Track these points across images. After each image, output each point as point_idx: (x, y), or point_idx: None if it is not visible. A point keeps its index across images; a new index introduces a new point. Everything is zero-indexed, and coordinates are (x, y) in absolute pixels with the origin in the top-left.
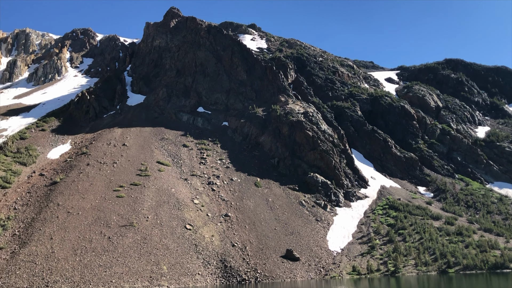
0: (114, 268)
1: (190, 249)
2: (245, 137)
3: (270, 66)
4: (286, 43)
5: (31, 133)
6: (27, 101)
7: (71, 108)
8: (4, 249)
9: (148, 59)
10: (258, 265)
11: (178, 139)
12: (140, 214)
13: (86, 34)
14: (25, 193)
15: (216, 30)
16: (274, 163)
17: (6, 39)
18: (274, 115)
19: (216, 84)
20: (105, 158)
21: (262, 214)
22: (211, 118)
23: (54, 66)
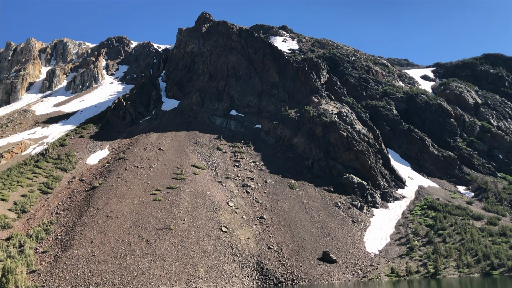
0: (152, 270)
1: (226, 251)
2: (278, 139)
3: (302, 67)
4: (318, 43)
5: (71, 140)
6: (66, 109)
7: (108, 115)
8: (48, 252)
9: (181, 64)
10: (294, 267)
11: (212, 142)
12: (176, 217)
13: (121, 42)
14: (66, 198)
15: (247, 33)
16: (308, 165)
17: (45, 49)
18: (307, 116)
19: (248, 87)
20: (142, 163)
21: (297, 216)
22: (244, 121)
23: (91, 74)
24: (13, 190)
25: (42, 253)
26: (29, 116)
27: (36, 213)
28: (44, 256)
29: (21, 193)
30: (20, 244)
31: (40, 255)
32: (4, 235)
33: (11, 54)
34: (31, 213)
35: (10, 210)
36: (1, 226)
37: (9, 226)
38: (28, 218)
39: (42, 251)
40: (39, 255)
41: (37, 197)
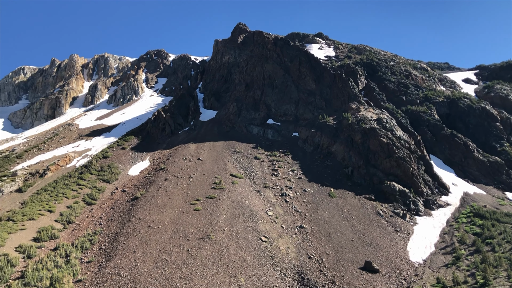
0: (193, 280)
1: (266, 261)
2: (316, 147)
3: (339, 74)
4: (354, 49)
5: (113, 152)
6: (108, 122)
7: (149, 126)
8: (93, 262)
9: (218, 75)
10: (336, 277)
11: (250, 151)
12: (216, 226)
13: (160, 55)
14: (109, 208)
15: (283, 42)
16: (348, 173)
17: (87, 65)
18: (345, 123)
19: (284, 96)
20: (182, 173)
21: (337, 225)
22: (281, 129)
23: (131, 87)
24: (59, 201)
25: (87, 263)
26: (73, 129)
27: (81, 224)
28: (89, 265)
29: (67, 205)
30: (66, 254)
31: (85, 265)
32: (52, 245)
33: (56, 70)
34: (76, 223)
35: (57, 221)
36: (49, 237)
37: (56, 236)
38: (73, 228)
39: (87, 261)
40: (84, 265)
41: (82, 208)
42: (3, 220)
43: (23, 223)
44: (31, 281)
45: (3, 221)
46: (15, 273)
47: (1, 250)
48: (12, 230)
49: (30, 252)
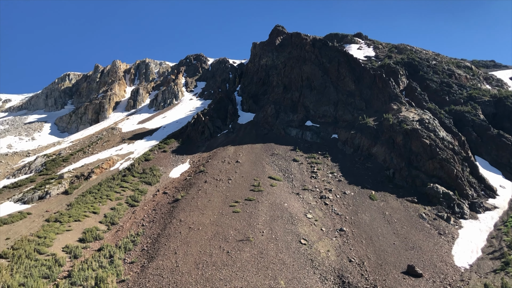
0: (233, 282)
1: (306, 264)
2: (356, 149)
3: (379, 74)
4: (395, 48)
5: (154, 155)
6: (150, 126)
7: (188, 130)
8: (135, 263)
9: (256, 78)
10: (377, 281)
11: (288, 154)
12: (255, 228)
13: (199, 60)
14: (151, 210)
15: (321, 43)
16: (389, 175)
17: (129, 70)
18: (386, 125)
19: (323, 97)
20: (221, 175)
21: (379, 228)
22: (319, 131)
23: (172, 91)
24: (103, 203)
25: (130, 264)
26: (116, 133)
27: (124, 225)
28: (132, 266)
29: (110, 206)
30: (110, 254)
31: (128, 265)
32: (96, 246)
33: (99, 76)
34: (119, 225)
35: (101, 222)
36: (93, 238)
37: (100, 237)
38: (116, 230)
39: (130, 262)
40: (127, 265)
41: (125, 210)
42: (51, 221)
43: (69, 224)
44: (77, 280)
45: (51, 222)
46: (62, 272)
47: (49, 250)
48: (59, 231)
49: (76, 253)
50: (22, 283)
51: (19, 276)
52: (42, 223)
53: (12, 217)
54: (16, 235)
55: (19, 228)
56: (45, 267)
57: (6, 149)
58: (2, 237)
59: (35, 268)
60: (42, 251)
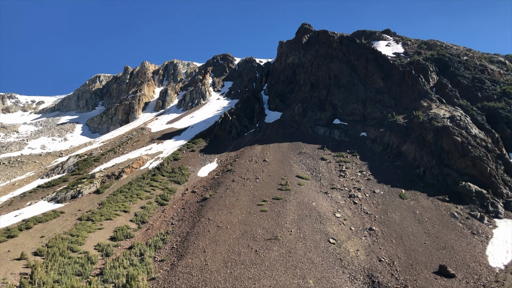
0: (262, 281)
1: (335, 263)
2: (385, 147)
3: (408, 71)
4: (424, 44)
5: (183, 154)
6: (178, 125)
7: (216, 129)
8: (165, 261)
9: (283, 76)
10: (408, 281)
11: (316, 152)
12: (283, 227)
13: (226, 59)
14: (180, 209)
15: (349, 40)
16: (420, 173)
17: (157, 71)
18: (416, 122)
19: (351, 95)
20: (248, 174)
21: (409, 227)
22: (348, 129)
23: (199, 91)
24: (133, 202)
25: (160, 262)
26: (145, 133)
27: (154, 224)
28: (161, 264)
29: (141, 205)
30: (141, 252)
31: (159, 263)
32: (127, 244)
33: (128, 77)
34: (149, 223)
35: (131, 221)
36: (124, 236)
37: (131, 236)
38: (147, 228)
39: (160, 260)
40: (157, 263)
41: (155, 209)
42: (83, 220)
43: (101, 223)
44: (109, 278)
45: (83, 220)
46: (95, 270)
47: (81, 248)
48: (91, 230)
49: (108, 251)
50: (56, 280)
51: (53, 273)
52: (75, 222)
53: (46, 215)
54: (50, 233)
55: (53, 227)
56: (78, 264)
57: (40, 150)
58: (37, 235)
59: (69, 266)
60: (75, 249)
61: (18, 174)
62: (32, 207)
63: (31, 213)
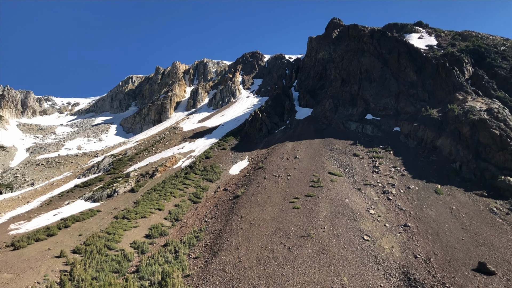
0: (296, 278)
1: (369, 260)
2: (419, 142)
3: (442, 63)
4: (459, 36)
5: (214, 152)
6: (209, 124)
7: (246, 127)
8: (199, 258)
9: (313, 72)
10: (446, 278)
11: (348, 148)
12: (316, 224)
13: (255, 57)
14: (213, 206)
15: (380, 34)
16: (456, 168)
17: (188, 71)
18: (451, 115)
19: (383, 89)
20: (279, 171)
21: (446, 223)
22: (380, 124)
23: (229, 90)
24: (167, 200)
25: (194, 259)
26: (177, 132)
27: (187, 221)
28: (196, 261)
29: (174, 203)
30: (175, 250)
31: (193, 261)
32: (162, 241)
33: (160, 77)
34: (183, 221)
35: (166, 218)
36: (159, 234)
37: (165, 233)
38: (181, 226)
39: (194, 257)
40: (192, 261)
41: (188, 206)
42: (119, 218)
43: (136, 221)
44: (145, 275)
45: (119, 219)
46: (131, 267)
47: (118, 245)
48: (127, 228)
49: (143, 248)
50: (94, 277)
51: (91, 271)
52: (111, 220)
53: (83, 214)
54: (88, 232)
55: (90, 225)
56: (114, 262)
57: (76, 150)
58: (75, 234)
59: (106, 263)
60: (112, 246)
61: (56, 174)
62: (70, 206)
63: (69, 212)
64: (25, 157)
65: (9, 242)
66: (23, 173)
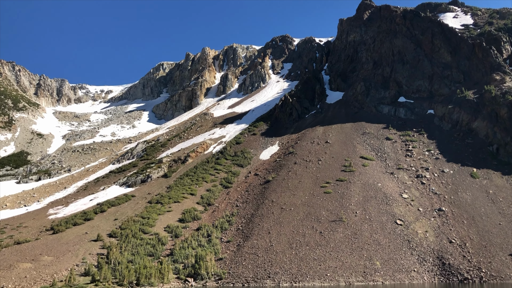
0: (328, 262)
1: (402, 245)
2: (454, 125)
3: (478, 43)
4: (496, 14)
5: (245, 138)
6: (239, 110)
7: (276, 112)
8: (231, 242)
9: (344, 55)
10: (481, 263)
11: (380, 132)
12: (348, 209)
13: (284, 41)
14: (244, 191)
15: (413, 14)
16: (493, 151)
17: (218, 56)
18: (488, 97)
19: (416, 71)
20: (310, 156)
21: (482, 207)
22: (413, 107)
23: (259, 75)
24: (199, 185)
25: (226, 242)
26: (208, 118)
27: (219, 206)
28: (228, 245)
29: (206, 188)
30: (208, 234)
31: (225, 244)
32: (195, 225)
33: (190, 63)
34: (215, 205)
35: (198, 203)
36: (192, 218)
37: (198, 218)
38: (213, 210)
39: (227, 241)
40: (224, 244)
41: (219, 191)
42: (153, 203)
43: (170, 206)
44: (178, 258)
45: (153, 203)
46: (165, 250)
47: (152, 229)
48: (160, 212)
49: (177, 232)
50: (130, 260)
51: (127, 254)
52: (145, 205)
53: (118, 199)
54: (123, 216)
55: (125, 210)
56: (149, 245)
57: (110, 137)
58: (111, 218)
59: (141, 247)
60: (146, 230)
61: (91, 161)
62: (105, 191)
63: (104, 197)
64: (62, 144)
65: (48, 226)
66: (60, 160)
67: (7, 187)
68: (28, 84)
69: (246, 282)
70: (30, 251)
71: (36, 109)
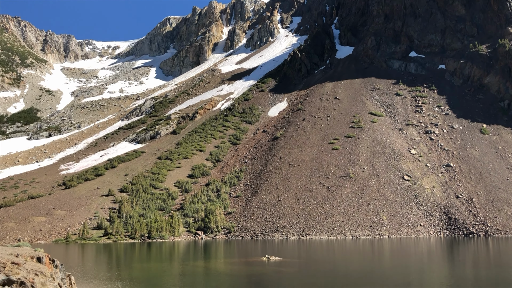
0: (334, 216)
1: (409, 200)
2: (466, 80)
3: None
4: None
5: (253, 94)
6: (247, 65)
7: (285, 68)
8: (240, 197)
9: (355, 8)
10: (487, 218)
11: (390, 88)
12: (356, 165)
13: None
14: (252, 148)
15: None
16: (504, 106)
17: (225, 10)
18: (501, 51)
19: (429, 25)
20: (319, 113)
21: (490, 163)
22: (425, 62)
23: (267, 29)
24: (208, 142)
25: (235, 197)
26: (216, 74)
27: (228, 162)
28: (237, 200)
29: (215, 145)
30: (217, 189)
31: (234, 199)
32: (204, 181)
33: (197, 18)
34: (224, 162)
35: (207, 159)
36: (201, 174)
37: (207, 173)
38: (221, 166)
39: (235, 196)
40: (233, 199)
41: (228, 148)
42: (163, 159)
43: (179, 162)
44: (188, 212)
45: (163, 159)
46: (175, 205)
47: (162, 185)
48: (170, 168)
49: (187, 187)
50: (141, 214)
51: (138, 208)
52: (155, 161)
53: (128, 155)
54: (133, 172)
55: (135, 165)
56: (160, 200)
57: (119, 93)
58: (121, 173)
59: (152, 201)
60: (157, 186)
61: (100, 117)
62: (115, 147)
63: (114, 153)
64: (70, 100)
65: (60, 181)
66: (69, 116)
67: (18, 143)
68: (34, 40)
69: (255, 235)
70: (43, 205)
71: (43, 66)
